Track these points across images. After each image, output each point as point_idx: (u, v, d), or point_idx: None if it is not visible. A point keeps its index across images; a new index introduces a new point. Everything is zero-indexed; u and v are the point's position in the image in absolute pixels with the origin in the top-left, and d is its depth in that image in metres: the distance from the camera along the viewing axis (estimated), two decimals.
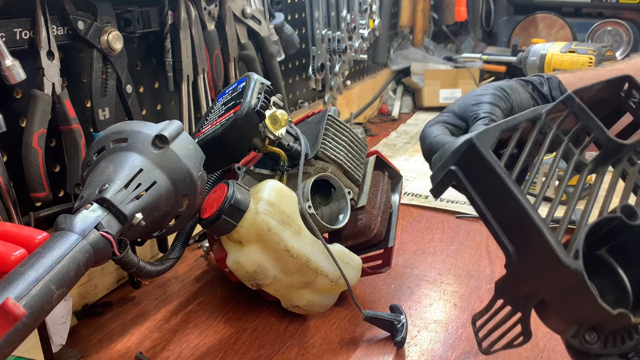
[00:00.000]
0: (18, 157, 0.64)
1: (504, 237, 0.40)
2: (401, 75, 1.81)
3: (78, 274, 0.48)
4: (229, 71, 0.94)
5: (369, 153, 0.82)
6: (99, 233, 0.50)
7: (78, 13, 0.68)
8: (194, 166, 0.60)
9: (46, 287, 0.44)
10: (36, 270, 0.45)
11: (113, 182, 0.54)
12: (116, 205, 0.52)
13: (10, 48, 0.61)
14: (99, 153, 0.60)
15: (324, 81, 1.31)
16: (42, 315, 0.45)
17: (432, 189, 0.47)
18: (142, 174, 0.56)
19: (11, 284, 0.43)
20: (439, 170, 0.45)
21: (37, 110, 0.64)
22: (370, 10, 1.42)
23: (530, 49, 1.30)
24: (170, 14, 0.81)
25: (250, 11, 0.95)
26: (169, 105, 0.92)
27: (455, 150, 0.42)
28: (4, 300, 0.41)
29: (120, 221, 0.53)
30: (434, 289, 0.80)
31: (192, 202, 0.61)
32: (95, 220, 0.51)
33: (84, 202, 0.53)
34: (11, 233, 0.49)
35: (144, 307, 0.77)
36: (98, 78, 0.71)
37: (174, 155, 0.59)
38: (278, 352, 0.68)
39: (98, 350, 0.68)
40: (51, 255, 0.46)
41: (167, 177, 0.58)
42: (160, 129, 0.59)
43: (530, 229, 0.37)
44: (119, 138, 0.59)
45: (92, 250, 0.49)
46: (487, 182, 0.41)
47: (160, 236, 0.66)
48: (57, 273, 0.45)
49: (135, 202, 0.54)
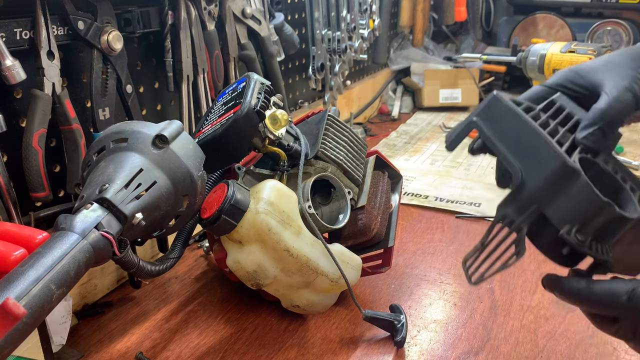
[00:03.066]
0: (18, 157, 0.64)
1: (514, 159, 0.47)
2: (401, 75, 1.81)
3: (78, 274, 0.48)
4: (229, 71, 0.94)
5: (369, 153, 0.82)
6: (99, 233, 0.50)
7: (78, 13, 0.68)
8: (194, 166, 0.60)
9: (46, 287, 0.44)
10: (36, 270, 0.45)
11: (113, 182, 0.54)
12: (116, 205, 0.52)
13: (10, 48, 0.61)
14: (99, 153, 0.60)
15: (324, 81, 1.31)
16: (42, 315, 0.45)
17: (449, 142, 0.52)
18: (142, 174, 0.56)
19: (11, 284, 0.43)
20: (459, 126, 0.51)
21: (37, 110, 0.64)
22: (370, 10, 1.42)
23: (530, 49, 1.30)
24: (170, 14, 0.81)
25: (250, 11, 0.95)
26: (169, 105, 0.92)
27: (479, 106, 0.50)
28: (4, 300, 0.41)
29: (120, 221, 0.53)
30: (434, 289, 0.80)
31: (192, 202, 0.61)
32: (95, 220, 0.51)
33: (84, 202, 0.53)
34: (11, 233, 0.49)
35: (144, 307, 0.77)
36: (98, 78, 0.71)
37: (174, 155, 0.59)
38: (278, 352, 0.68)
39: (98, 350, 0.68)
40: (51, 255, 0.46)
41: (167, 177, 0.58)
42: (160, 129, 0.59)
43: (541, 145, 0.46)
44: (119, 138, 0.59)
45: (92, 250, 0.49)
46: (505, 122, 0.49)
47: (161, 236, 0.66)
48: (57, 273, 0.45)
49: (135, 202, 0.54)
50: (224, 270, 0.72)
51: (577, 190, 0.46)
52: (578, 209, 0.46)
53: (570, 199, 0.46)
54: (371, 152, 0.82)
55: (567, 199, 0.46)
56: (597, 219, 0.46)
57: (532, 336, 0.69)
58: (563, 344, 0.68)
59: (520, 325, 0.71)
